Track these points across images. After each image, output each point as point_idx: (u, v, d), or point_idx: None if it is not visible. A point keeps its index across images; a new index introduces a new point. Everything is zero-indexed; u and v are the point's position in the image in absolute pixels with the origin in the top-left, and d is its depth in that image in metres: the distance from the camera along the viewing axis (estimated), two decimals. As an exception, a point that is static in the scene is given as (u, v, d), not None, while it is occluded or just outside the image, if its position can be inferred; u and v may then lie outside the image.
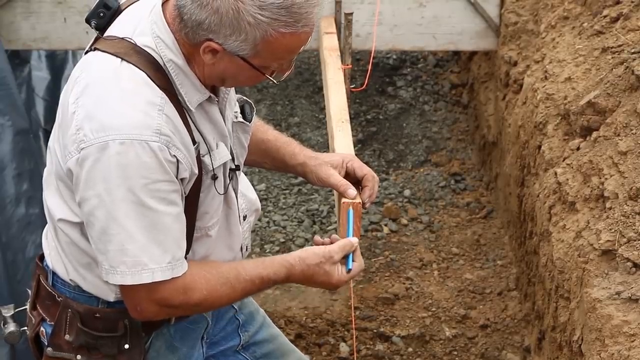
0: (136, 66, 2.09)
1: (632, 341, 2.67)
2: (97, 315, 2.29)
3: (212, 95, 2.22)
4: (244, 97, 2.48)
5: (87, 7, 5.34)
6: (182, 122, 2.12)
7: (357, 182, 2.59)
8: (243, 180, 2.53)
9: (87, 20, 2.21)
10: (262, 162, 2.72)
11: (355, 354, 4.39)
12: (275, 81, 2.22)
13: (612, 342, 2.73)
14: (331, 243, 2.39)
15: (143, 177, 2.04)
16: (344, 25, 5.10)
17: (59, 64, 5.89)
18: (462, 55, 6.91)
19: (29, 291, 2.45)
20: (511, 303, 4.67)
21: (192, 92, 2.17)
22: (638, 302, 2.76)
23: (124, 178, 2.03)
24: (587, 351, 2.94)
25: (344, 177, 2.59)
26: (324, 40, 4.96)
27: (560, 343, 3.45)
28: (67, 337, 2.31)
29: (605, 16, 4.12)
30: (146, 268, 2.09)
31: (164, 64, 2.12)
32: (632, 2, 3.97)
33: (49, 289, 2.35)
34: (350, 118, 3.69)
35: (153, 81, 2.09)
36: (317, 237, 2.46)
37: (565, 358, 3.38)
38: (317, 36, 5.31)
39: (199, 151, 2.17)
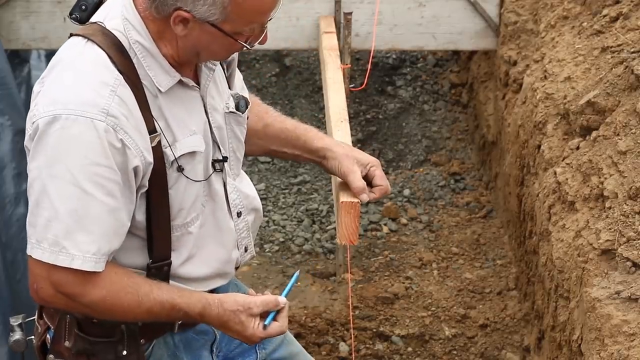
0: (99, 46, 2.10)
1: (632, 341, 2.67)
2: (95, 320, 2.27)
3: (184, 79, 2.20)
4: (240, 94, 2.46)
5: (86, 6, 5.33)
6: (138, 107, 2.10)
7: (369, 186, 2.56)
8: (244, 178, 2.52)
9: (70, 14, 2.22)
10: (280, 151, 2.68)
11: (354, 353, 4.39)
12: (248, 47, 2.18)
13: (611, 341, 2.73)
14: None
15: (83, 156, 2.02)
16: (343, 24, 5.10)
17: (58, 64, 5.88)
18: (461, 55, 6.91)
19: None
20: (511, 302, 4.67)
21: (161, 75, 2.16)
22: (637, 302, 2.76)
23: (65, 154, 2.02)
24: (586, 351, 2.94)
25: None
26: (323, 40, 4.96)
27: (560, 342, 3.45)
28: (66, 343, 2.29)
29: (604, 16, 4.12)
30: (64, 251, 2.05)
31: (130, 46, 2.13)
32: (632, 1, 3.97)
33: None
34: (350, 118, 3.69)
35: (114, 63, 2.09)
36: (252, 290, 2.41)
37: (564, 357, 3.38)
38: (317, 36, 5.31)
39: (159, 142, 2.14)
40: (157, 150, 2.14)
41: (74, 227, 2.05)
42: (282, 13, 5.37)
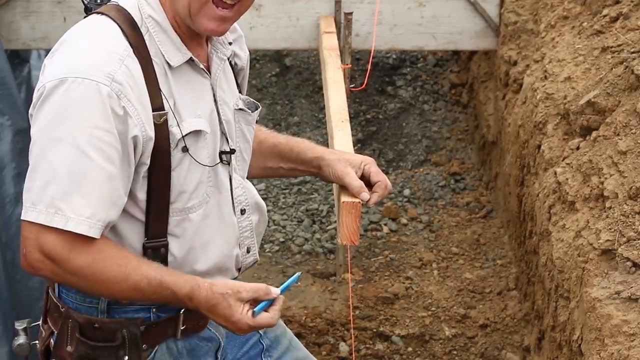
0: (113, 20, 2.14)
1: (632, 341, 2.67)
2: (96, 325, 2.26)
3: (195, 59, 2.23)
4: (250, 98, 2.48)
5: (86, 6, 5.34)
6: (145, 82, 2.12)
7: (368, 185, 2.56)
8: (247, 182, 2.51)
9: (85, 6, 2.26)
10: (277, 168, 2.70)
11: (354, 353, 4.39)
12: None
13: (611, 341, 2.73)
14: None
15: (85, 118, 2.03)
16: (343, 24, 5.10)
17: (58, 64, 5.88)
18: (461, 55, 6.91)
19: (42, 305, 2.44)
20: (511, 303, 4.67)
21: (172, 51, 2.19)
22: (638, 302, 2.76)
23: (66, 116, 2.03)
24: (586, 351, 2.94)
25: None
26: (323, 40, 4.96)
27: (560, 343, 3.45)
28: (68, 348, 2.28)
29: (604, 16, 4.12)
30: (60, 213, 2.04)
31: (143, 22, 2.16)
32: (632, 1, 3.97)
33: (55, 300, 2.33)
34: (350, 118, 3.69)
35: (125, 37, 2.12)
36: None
37: (564, 357, 3.38)
38: (317, 36, 5.31)
39: (165, 120, 2.15)
40: (163, 129, 2.15)
41: (71, 189, 2.04)
42: (282, 13, 5.39)
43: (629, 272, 2.87)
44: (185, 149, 2.20)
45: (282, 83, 7.03)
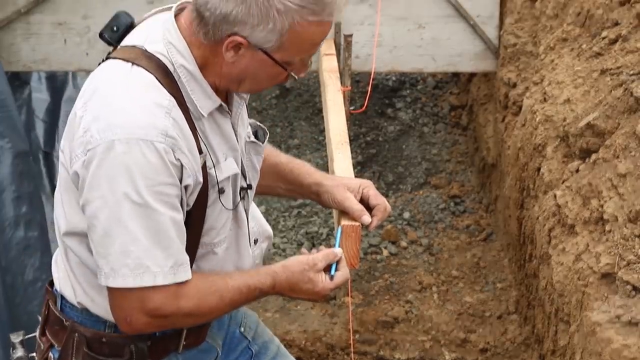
0: (146, 69, 2.09)
1: (633, 365, 2.66)
2: (104, 340, 2.27)
3: (223, 104, 2.22)
4: (257, 122, 2.49)
5: (87, 28, 5.36)
6: (189, 129, 2.11)
7: (368, 208, 2.58)
8: (254, 206, 2.53)
9: (101, 35, 2.23)
10: (275, 187, 2.70)
11: (354, 377, 4.37)
12: (295, 77, 2.19)
13: (612, 366, 2.72)
14: None
15: (148, 178, 2.02)
16: (343, 46, 5.11)
17: (59, 86, 5.91)
18: (461, 77, 6.92)
19: (39, 317, 2.44)
20: (511, 326, 4.65)
21: (203, 99, 2.16)
22: (638, 326, 2.75)
23: (129, 178, 2.01)
24: (587, 375, 2.93)
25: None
26: (323, 62, 4.97)
27: (561, 366, 3.44)
28: None
29: (604, 38, 4.13)
30: (148, 271, 2.06)
31: (175, 70, 2.12)
32: (631, 23, 3.98)
33: (58, 314, 2.34)
34: (350, 140, 3.69)
35: (162, 85, 2.09)
36: (304, 249, 2.43)
37: (565, 382, 3.37)
38: (317, 58, 5.32)
39: (204, 162, 2.16)
40: (204, 171, 2.16)
41: (152, 246, 2.06)
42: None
43: (629, 296, 2.86)
44: (221, 191, 2.23)
45: (282, 105, 7.03)
